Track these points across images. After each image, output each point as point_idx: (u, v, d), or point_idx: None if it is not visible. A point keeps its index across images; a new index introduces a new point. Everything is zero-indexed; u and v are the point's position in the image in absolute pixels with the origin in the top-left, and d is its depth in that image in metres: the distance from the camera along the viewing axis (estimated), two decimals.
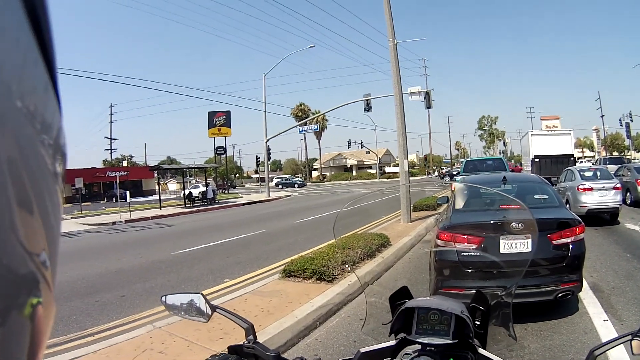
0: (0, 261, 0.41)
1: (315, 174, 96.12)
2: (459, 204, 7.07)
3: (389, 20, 17.50)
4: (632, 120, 57.21)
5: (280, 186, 72.83)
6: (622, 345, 1.54)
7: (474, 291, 2.06)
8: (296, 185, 73.86)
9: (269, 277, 8.98)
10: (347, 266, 8.68)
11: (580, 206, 15.26)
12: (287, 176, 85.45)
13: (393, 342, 1.81)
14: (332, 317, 6.72)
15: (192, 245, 14.23)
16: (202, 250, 13.49)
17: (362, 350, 1.78)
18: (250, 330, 1.69)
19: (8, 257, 0.42)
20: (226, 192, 53.20)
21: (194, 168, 47.79)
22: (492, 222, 6.01)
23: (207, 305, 1.80)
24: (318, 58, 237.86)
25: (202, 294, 1.81)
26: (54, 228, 0.50)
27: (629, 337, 1.47)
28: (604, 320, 6.24)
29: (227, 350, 1.67)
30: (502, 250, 5.77)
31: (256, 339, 1.68)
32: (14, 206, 0.43)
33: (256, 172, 78.10)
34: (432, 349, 1.71)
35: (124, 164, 78.13)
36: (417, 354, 1.71)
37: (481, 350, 1.73)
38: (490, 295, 2.04)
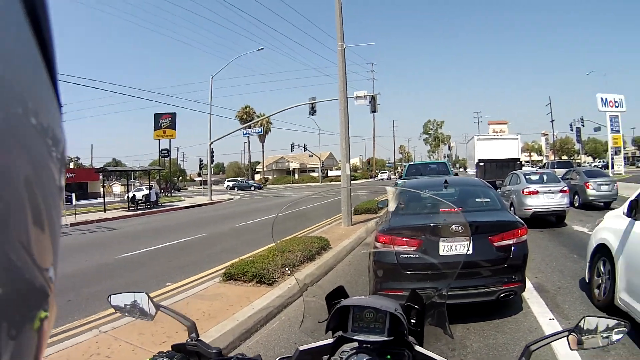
0: (17, 278, 0.42)
1: (257, 177, 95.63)
2: (399, 207, 7.00)
3: (339, 24, 17.57)
4: (583, 125, 59.08)
5: (235, 188, 72.17)
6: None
7: None
8: (252, 188, 72.94)
9: (211, 281, 8.97)
10: (287, 269, 8.68)
11: (525, 209, 15.47)
12: (240, 179, 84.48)
13: (331, 340, 1.84)
14: (272, 319, 6.75)
15: (135, 249, 14.03)
16: (145, 254, 13.35)
17: (301, 348, 1.81)
18: (192, 328, 1.72)
19: (23, 274, 0.43)
20: (169, 195, 52.42)
21: (138, 170, 46.97)
22: (431, 224, 6.05)
23: (152, 305, 1.82)
24: (266, 61, 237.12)
25: (146, 293, 1.83)
26: (58, 242, 0.51)
27: (566, 333, 1.52)
28: (550, 319, 6.35)
29: (171, 348, 1.68)
30: (441, 253, 5.77)
31: (198, 337, 1.70)
32: (30, 225, 0.44)
33: (199, 175, 76.71)
34: (369, 346, 1.74)
35: (71, 165, 75.91)
36: (354, 351, 1.74)
37: (418, 348, 1.76)
38: (425, 295, 2.06)
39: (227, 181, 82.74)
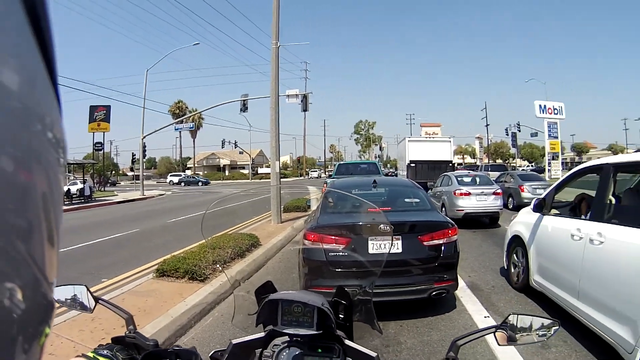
0: (35, 294, 0.44)
1: (188, 172, 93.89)
2: (328, 205, 7.05)
3: (275, 22, 17.58)
4: (519, 130, 59.57)
5: (182, 183, 70.43)
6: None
7: None
8: (200, 184, 72.12)
9: (144, 277, 8.90)
10: (218, 266, 8.68)
11: (457, 210, 15.66)
12: (187, 173, 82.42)
13: (263, 334, 1.86)
14: (206, 315, 6.79)
15: (70, 244, 13.60)
16: (78, 250, 13.01)
17: (234, 341, 1.82)
18: (130, 320, 1.74)
19: (39, 289, 0.45)
20: (103, 189, 50.87)
21: (73, 164, 45.11)
22: (360, 223, 5.82)
23: (91, 298, 1.82)
24: (201, 56, 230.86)
25: (85, 285, 1.83)
26: (58, 251, 0.51)
27: (493, 329, 1.54)
28: (485, 317, 6.49)
29: (111, 341, 1.68)
30: (370, 251, 5.68)
31: (136, 329, 1.72)
32: (45, 242, 0.45)
33: (131, 169, 73.31)
34: (299, 339, 1.78)
35: None
36: (285, 344, 1.80)
37: (347, 342, 1.79)
38: (352, 292, 2.09)
39: (171, 176, 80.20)
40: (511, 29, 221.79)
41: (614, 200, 5.92)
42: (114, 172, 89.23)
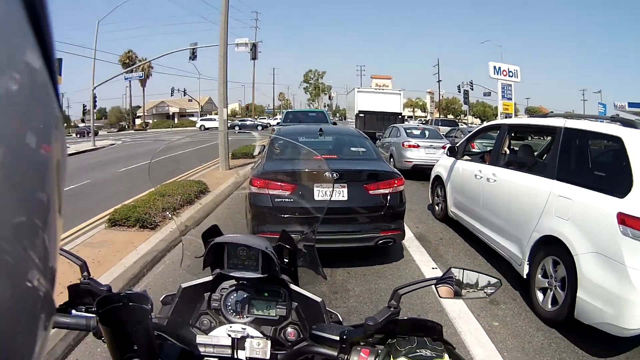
0: (44, 271, 0.42)
1: (138, 121, 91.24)
2: (274, 152, 6.89)
3: None
4: (472, 89, 59.36)
5: (236, 129, 54.95)
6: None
7: None
8: (260, 127, 60.60)
9: (96, 228, 8.75)
10: (167, 213, 8.64)
11: (405, 161, 15.55)
12: (244, 119, 73.04)
13: (211, 277, 1.85)
14: (157, 264, 6.76)
15: None
16: None
17: (183, 285, 1.82)
18: (84, 267, 1.66)
19: (47, 264, 0.43)
20: None
21: None
22: (305, 170, 5.85)
23: None
24: (151, 5, 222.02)
25: None
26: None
27: (434, 281, 1.49)
28: (433, 268, 6.54)
29: (67, 289, 1.64)
30: (316, 198, 5.45)
31: (90, 275, 1.66)
32: (57, 213, 0.45)
33: (82, 120, 70.17)
34: (245, 282, 1.79)
35: None
36: (233, 288, 1.80)
37: (292, 286, 1.80)
38: (296, 237, 2.06)
39: (202, 120, 68.37)
40: None
41: (508, 152, 7.36)
42: (65, 124, 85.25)
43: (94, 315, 1.44)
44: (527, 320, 5.13)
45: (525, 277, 5.51)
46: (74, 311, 1.61)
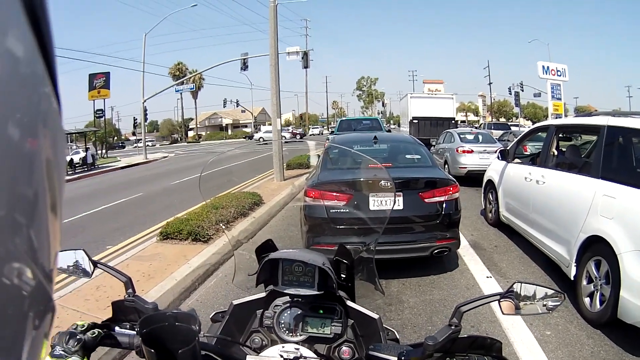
0: (36, 269, 0.42)
1: (191, 133, 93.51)
2: (329, 162, 6.88)
3: None
4: (522, 90, 58.45)
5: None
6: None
7: None
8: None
9: (148, 241, 8.85)
10: (221, 225, 8.61)
11: (460, 167, 15.30)
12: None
13: (264, 294, 1.84)
14: (209, 277, 6.77)
15: (74, 213, 13.50)
16: (85, 218, 12.96)
17: (235, 302, 1.83)
18: (129, 283, 1.67)
19: (40, 262, 0.42)
20: (106, 155, 50.63)
21: (74, 133, 44.82)
22: (361, 179, 5.72)
23: (89, 262, 1.75)
24: (199, 17, 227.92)
25: (84, 250, 1.76)
26: (61, 221, 0.49)
27: (498, 297, 1.46)
28: (487, 277, 6.43)
29: (111, 305, 1.64)
30: (372, 207, 5.57)
31: (135, 292, 1.66)
32: (49, 212, 0.44)
33: (133, 133, 72.31)
34: (300, 300, 1.76)
35: None
36: (287, 305, 1.77)
37: (349, 303, 1.78)
38: (353, 250, 2.03)
39: (260, 132, 68.82)
40: None
41: (556, 153, 7.41)
42: (116, 137, 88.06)
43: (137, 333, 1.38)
44: (579, 327, 5.03)
45: (572, 278, 5.54)
46: (117, 328, 1.57)
